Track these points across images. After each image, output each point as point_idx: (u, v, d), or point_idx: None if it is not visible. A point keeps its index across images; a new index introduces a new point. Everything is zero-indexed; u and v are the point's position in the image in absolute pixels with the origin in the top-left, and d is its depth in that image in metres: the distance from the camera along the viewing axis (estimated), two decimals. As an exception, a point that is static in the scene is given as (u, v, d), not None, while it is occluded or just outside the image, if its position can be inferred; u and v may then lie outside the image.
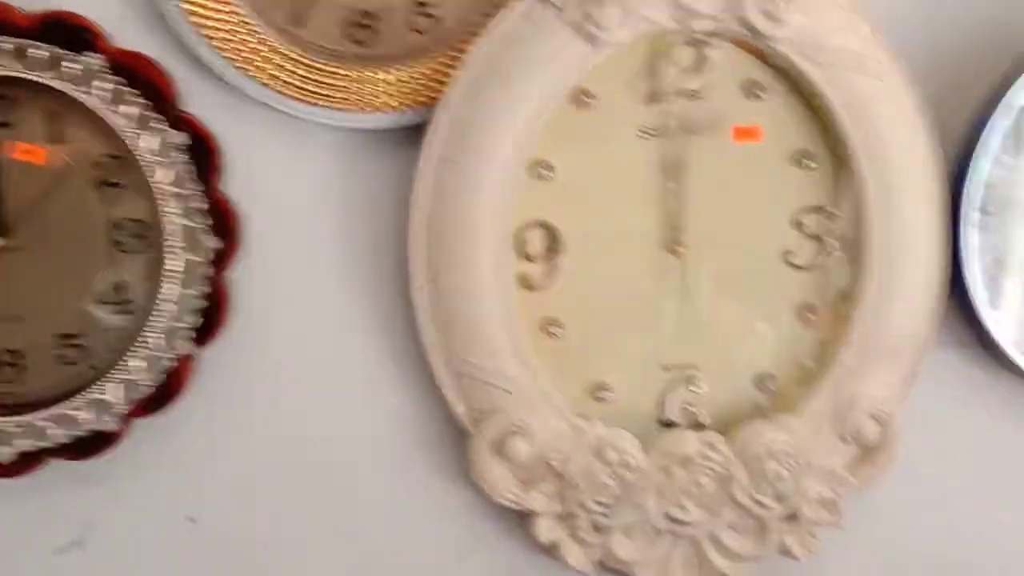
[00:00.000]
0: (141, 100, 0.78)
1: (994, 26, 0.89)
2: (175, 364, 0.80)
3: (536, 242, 0.84)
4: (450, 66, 0.82)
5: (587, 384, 0.86)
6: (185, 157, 0.79)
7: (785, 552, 0.87)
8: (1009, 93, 0.84)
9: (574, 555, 0.86)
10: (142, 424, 0.82)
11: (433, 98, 0.82)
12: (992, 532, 0.93)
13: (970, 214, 0.85)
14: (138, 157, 0.78)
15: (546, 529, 0.85)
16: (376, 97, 0.83)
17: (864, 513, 0.89)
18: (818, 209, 0.86)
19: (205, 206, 0.79)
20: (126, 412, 0.80)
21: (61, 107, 0.78)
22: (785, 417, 0.85)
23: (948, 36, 0.89)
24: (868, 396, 0.85)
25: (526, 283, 0.84)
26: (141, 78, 0.78)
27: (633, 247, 0.85)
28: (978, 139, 0.85)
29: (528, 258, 0.84)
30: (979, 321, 0.87)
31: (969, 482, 0.92)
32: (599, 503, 0.84)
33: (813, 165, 0.85)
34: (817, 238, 0.86)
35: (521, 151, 0.81)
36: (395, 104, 0.83)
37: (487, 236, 0.81)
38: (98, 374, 0.80)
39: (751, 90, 0.84)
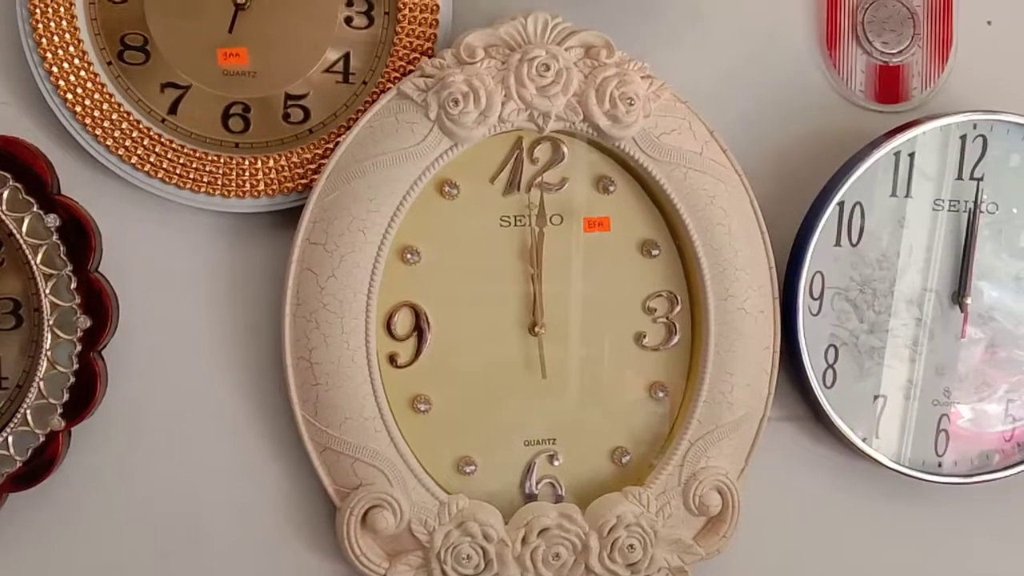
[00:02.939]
0: (17, 183, 0.80)
1: (822, 135, 0.98)
2: (47, 439, 0.81)
3: (404, 322, 0.88)
4: (321, 155, 0.87)
5: (453, 458, 0.90)
6: (60, 238, 0.81)
7: (637, 619, 0.92)
8: (836, 193, 0.93)
9: (438, 624, 0.89)
10: (15, 498, 0.83)
11: (305, 184, 0.87)
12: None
13: (803, 300, 0.94)
14: (14, 238, 0.80)
15: (411, 599, 0.88)
16: (250, 183, 0.86)
17: (712, 579, 0.94)
18: (664, 294, 0.92)
19: (79, 286, 0.81)
20: (-3, 486, 0.81)
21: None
22: (637, 490, 0.90)
23: (783, 141, 0.97)
24: (711, 469, 0.91)
25: (394, 361, 0.88)
26: (20, 162, 0.81)
27: (496, 327, 0.90)
28: (809, 232, 0.93)
29: (396, 337, 0.88)
30: (813, 397, 0.95)
31: (807, 545, 0.99)
32: (462, 574, 0.87)
33: (656, 253, 0.92)
34: (665, 321, 0.93)
35: (388, 237, 0.85)
36: (268, 189, 0.87)
37: (355, 316, 0.85)
38: (-30, 449, 0.81)
39: (601, 184, 0.91)
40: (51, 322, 0.81)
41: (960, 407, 0.98)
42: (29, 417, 0.81)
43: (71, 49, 0.84)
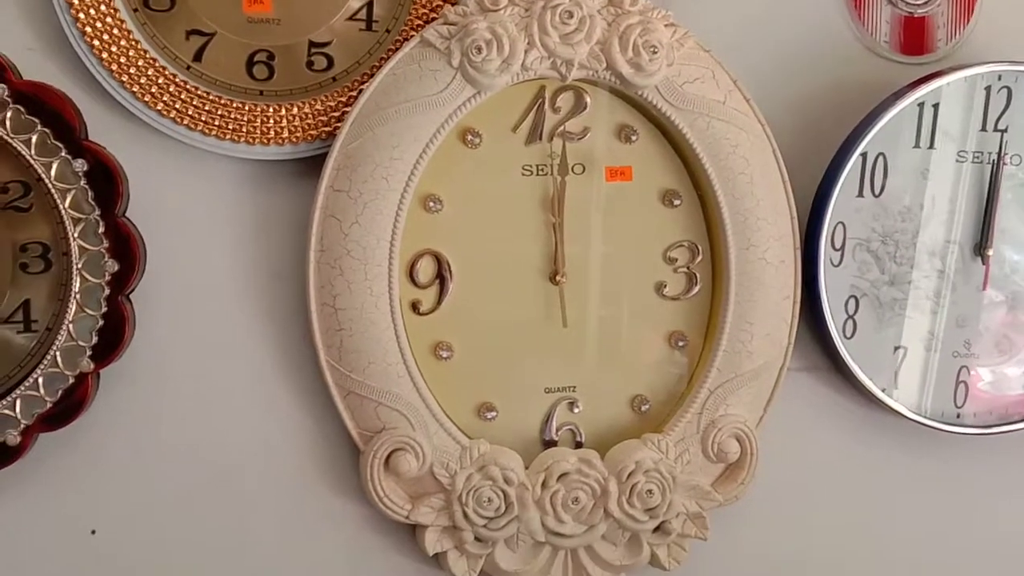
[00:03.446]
0: (45, 128, 0.81)
1: (846, 85, 0.97)
2: (77, 381, 0.83)
3: (426, 270, 0.89)
4: (344, 103, 0.88)
5: (474, 404, 0.91)
6: (88, 183, 0.82)
7: (655, 563, 0.93)
8: (859, 144, 0.93)
9: (460, 566, 0.90)
10: (46, 439, 0.84)
11: (328, 132, 0.87)
12: (847, 540, 1.01)
13: (824, 250, 0.94)
14: (43, 183, 0.81)
15: (433, 541, 0.90)
16: (274, 130, 0.87)
17: (729, 525, 0.95)
18: (685, 244, 0.93)
19: (107, 230, 0.82)
20: (28, 426, 0.82)
21: (-33, 135, 0.81)
22: (656, 436, 0.91)
23: (806, 91, 0.97)
24: (730, 417, 0.92)
25: (417, 308, 0.89)
26: (48, 108, 0.81)
27: (517, 276, 0.91)
28: (831, 183, 0.93)
29: (418, 285, 0.89)
30: (833, 347, 0.95)
31: (825, 494, 1.00)
32: (483, 516, 0.88)
33: (677, 203, 0.92)
34: (686, 271, 0.93)
35: (411, 184, 0.86)
36: (292, 137, 0.87)
37: (379, 263, 0.85)
38: (2, 390, 0.82)
39: (623, 133, 0.91)
40: (79, 266, 0.82)
41: (980, 369, 0.98)
42: (59, 359, 0.82)
43: (97, -5, 0.84)
